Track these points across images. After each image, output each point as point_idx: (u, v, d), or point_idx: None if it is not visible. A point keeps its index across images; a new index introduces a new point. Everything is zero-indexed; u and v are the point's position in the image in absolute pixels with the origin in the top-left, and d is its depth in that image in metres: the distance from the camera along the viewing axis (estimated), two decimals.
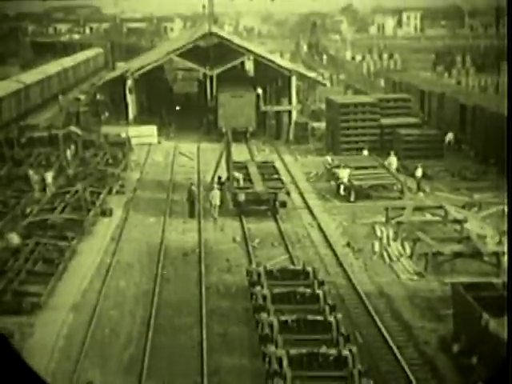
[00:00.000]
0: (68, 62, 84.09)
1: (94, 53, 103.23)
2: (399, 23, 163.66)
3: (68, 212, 30.43)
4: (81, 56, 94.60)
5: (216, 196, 31.92)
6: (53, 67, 75.98)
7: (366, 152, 41.21)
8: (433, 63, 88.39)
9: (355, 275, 24.71)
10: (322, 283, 21.29)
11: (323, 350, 17.19)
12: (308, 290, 20.68)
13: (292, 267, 23.74)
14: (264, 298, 20.23)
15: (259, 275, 21.91)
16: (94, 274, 25.10)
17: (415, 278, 24.44)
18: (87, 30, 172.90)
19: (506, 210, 29.24)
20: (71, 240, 27.15)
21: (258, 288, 20.76)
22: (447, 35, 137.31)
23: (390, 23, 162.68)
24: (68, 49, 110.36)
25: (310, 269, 22.47)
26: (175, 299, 22.90)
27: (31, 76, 65.90)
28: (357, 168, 36.56)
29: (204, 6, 62.59)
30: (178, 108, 57.01)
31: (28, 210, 31.35)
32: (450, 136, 43.66)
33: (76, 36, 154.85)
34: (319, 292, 20.41)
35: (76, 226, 28.97)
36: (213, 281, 24.35)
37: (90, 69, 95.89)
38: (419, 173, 35.89)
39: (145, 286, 23.95)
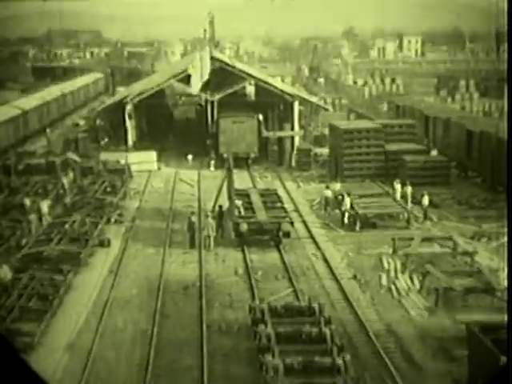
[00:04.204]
0: (67, 87, 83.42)
1: (94, 78, 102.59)
2: (400, 47, 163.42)
3: (65, 243, 29.41)
4: (80, 81, 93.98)
5: (209, 226, 30.93)
6: (52, 92, 75.27)
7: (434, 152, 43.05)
8: (435, 88, 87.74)
9: (362, 310, 23.67)
10: (328, 321, 20.26)
11: None
12: (314, 329, 19.65)
13: (297, 304, 22.67)
14: (268, 337, 19.20)
15: (263, 312, 20.88)
16: (90, 311, 23.98)
17: (425, 314, 23.38)
18: (88, 55, 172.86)
19: (505, 240, 28.36)
20: (67, 273, 26.10)
21: (262, 327, 19.74)
22: (448, 59, 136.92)
23: (390, 47, 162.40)
24: (68, 73, 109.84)
25: (315, 305, 21.43)
26: (175, 338, 21.78)
27: (30, 101, 65.15)
28: (361, 196, 35.63)
29: (205, 30, 61.99)
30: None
31: (24, 241, 30.36)
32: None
33: (77, 61, 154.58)
34: (326, 331, 19.38)
35: (72, 257, 27.93)
36: (214, 318, 23.24)
37: (90, 94, 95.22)
38: (426, 201, 34.93)
39: (143, 325, 22.82)
